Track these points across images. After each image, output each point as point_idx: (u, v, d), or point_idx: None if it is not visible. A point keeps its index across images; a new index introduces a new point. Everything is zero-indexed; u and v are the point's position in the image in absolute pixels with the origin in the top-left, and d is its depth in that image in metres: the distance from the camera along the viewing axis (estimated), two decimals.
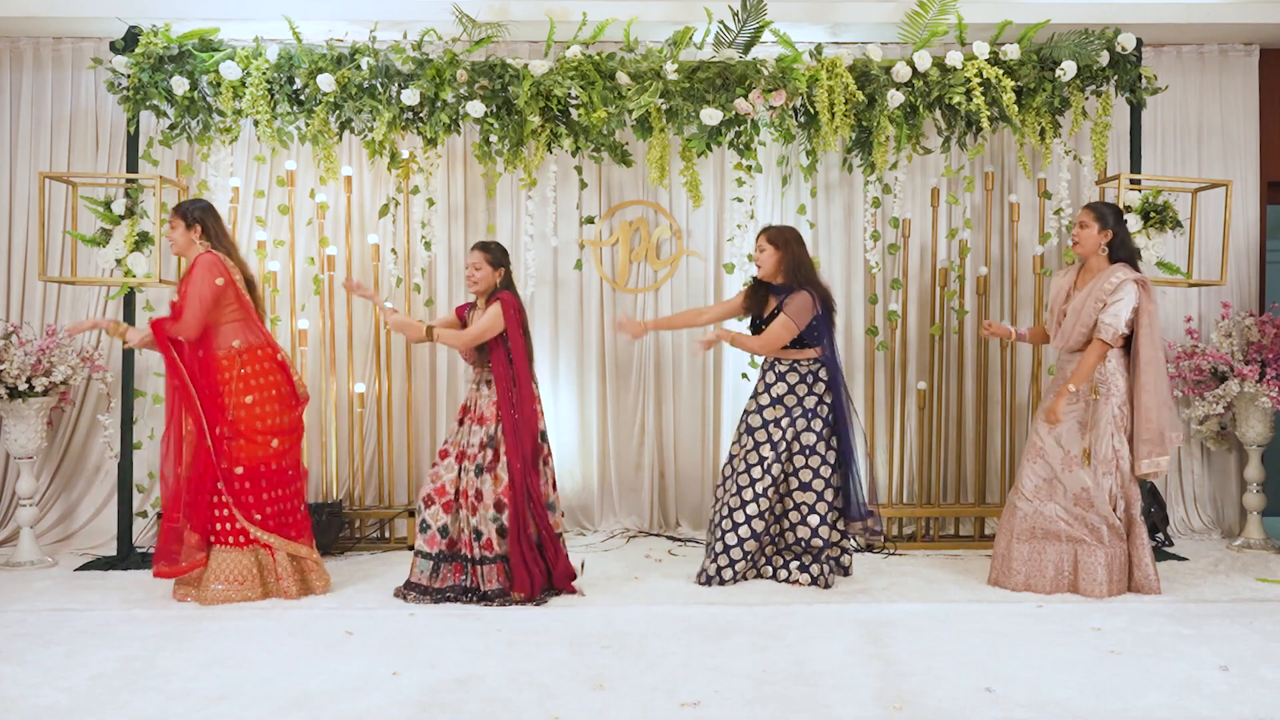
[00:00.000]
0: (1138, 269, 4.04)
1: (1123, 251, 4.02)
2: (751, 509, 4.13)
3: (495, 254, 4.07)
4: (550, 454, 4.14)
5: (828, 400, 4.19)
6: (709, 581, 4.16)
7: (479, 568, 3.95)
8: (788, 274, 4.16)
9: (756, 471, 4.15)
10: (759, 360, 4.38)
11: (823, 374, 4.19)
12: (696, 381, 5.35)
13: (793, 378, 4.19)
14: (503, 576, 3.93)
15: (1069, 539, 4.01)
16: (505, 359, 4.00)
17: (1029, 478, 4.08)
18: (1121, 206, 4.55)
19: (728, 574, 4.15)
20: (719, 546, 4.17)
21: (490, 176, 4.85)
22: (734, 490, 4.19)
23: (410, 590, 3.98)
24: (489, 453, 3.98)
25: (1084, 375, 3.96)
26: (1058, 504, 4.02)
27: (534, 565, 3.92)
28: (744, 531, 4.13)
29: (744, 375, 5.09)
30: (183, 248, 3.99)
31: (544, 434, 4.10)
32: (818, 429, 4.15)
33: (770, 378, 4.23)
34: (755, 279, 4.31)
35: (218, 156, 4.80)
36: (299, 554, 4.01)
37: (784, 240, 4.19)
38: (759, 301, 4.28)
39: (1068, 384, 3.99)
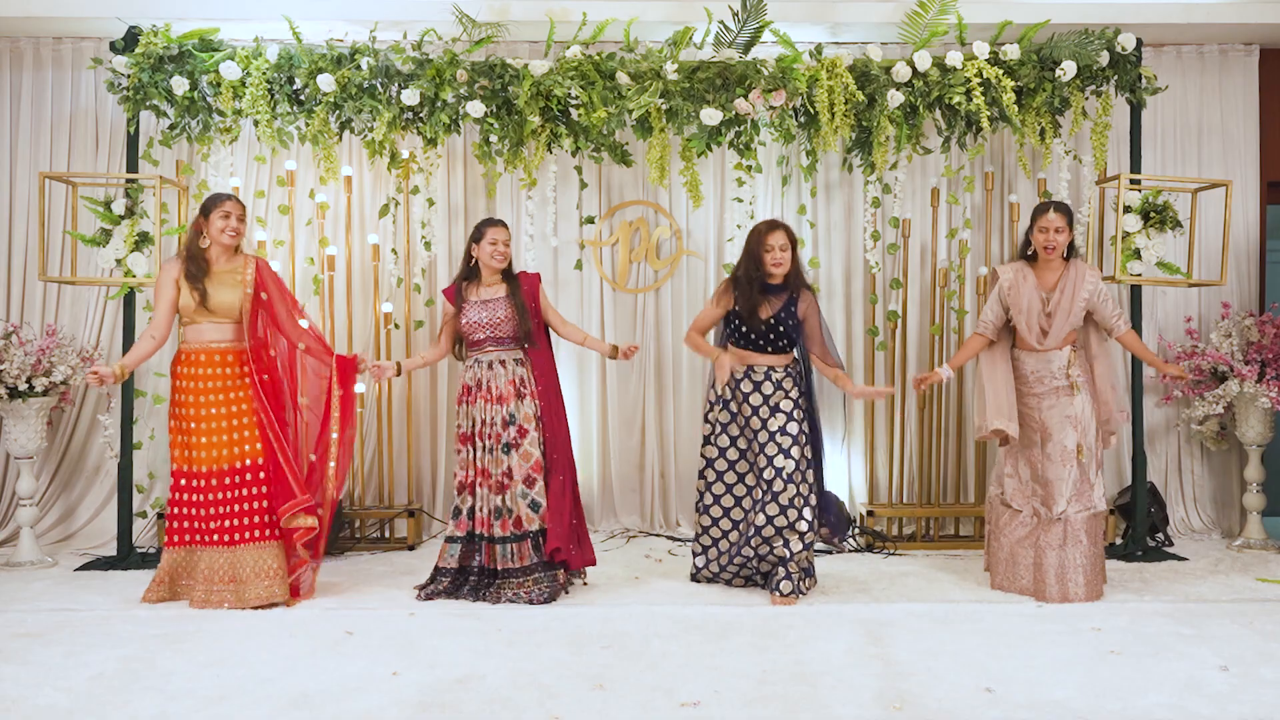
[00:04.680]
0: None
1: (1071, 249, 4.19)
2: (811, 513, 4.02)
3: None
4: None
5: (802, 404, 4.12)
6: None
7: (497, 547, 3.94)
8: (795, 274, 4.06)
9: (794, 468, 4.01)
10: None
11: (798, 377, 4.13)
12: (697, 381, 5.35)
13: (788, 383, 4.08)
14: (524, 555, 3.93)
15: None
16: (547, 336, 4.17)
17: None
18: (1122, 206, 4.57)
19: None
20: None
21: (490, 176, 4.85)
22: (792, 496, 3.98)
23: (439, 576, 4.02)
24: (513, 430, 3.98)
25: (1154, 356, 4.32)
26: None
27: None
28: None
29: None
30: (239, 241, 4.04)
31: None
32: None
33: (768, 387, 4.05)
34: (743, 276, 4.02)
35: (218, 156, 4.80)
36: None
37: (796, 240, 4.06)
38: (751, 299, 3.99)
39: (1168, 367, 4.24)
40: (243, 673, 3.12)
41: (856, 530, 5.05)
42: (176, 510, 3.93)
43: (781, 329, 4.02)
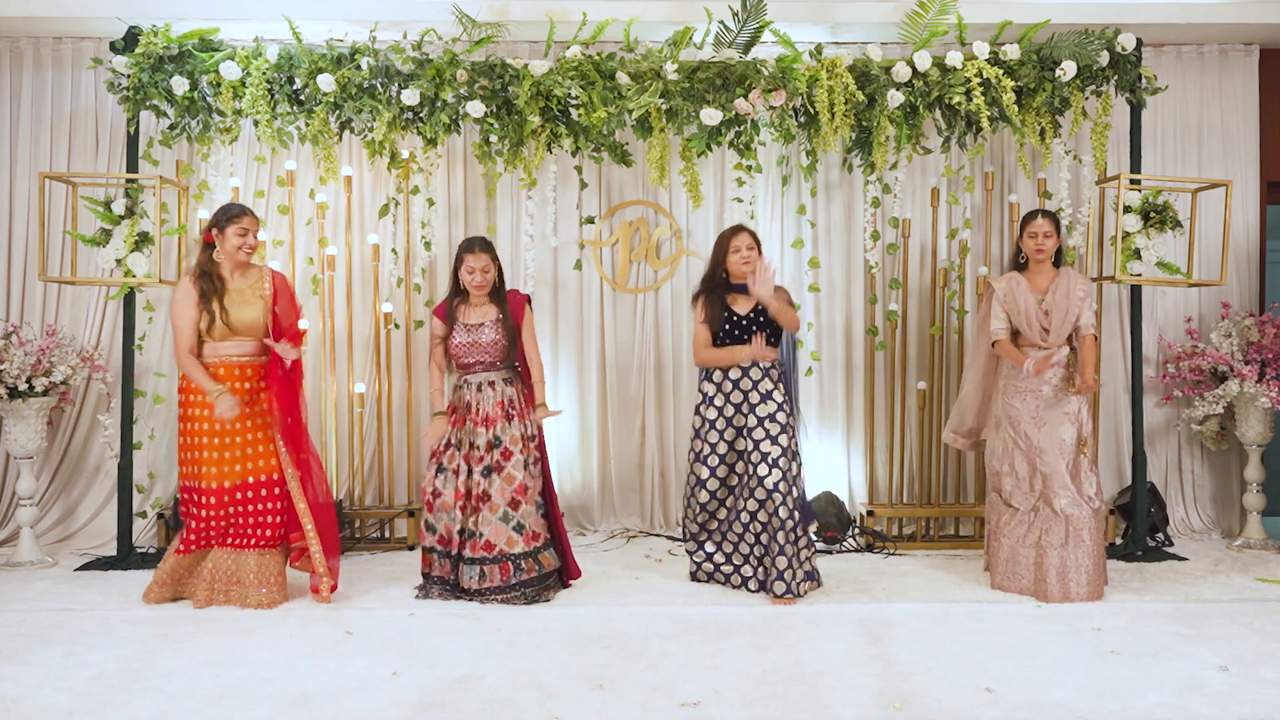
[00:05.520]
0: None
1: (1060, 256, 4.30)
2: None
3: (494, 250, 4.09)
4: None
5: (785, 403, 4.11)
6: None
7: (464, 568, 3.90)
8: None
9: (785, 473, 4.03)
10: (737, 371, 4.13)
11: (782, 378, 4.13)
12: (696, 381, 5.34)
13: (774, 373, 4.10)
14: (506, 575, 3.90)
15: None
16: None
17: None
18: (1121, 206, 4.57)
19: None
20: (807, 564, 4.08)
21: (490, 176, 4.85)
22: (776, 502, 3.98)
23: (430, 584, 4.00)
24: (497, 453, 3.95)
25: (1096, 366, 4.23)
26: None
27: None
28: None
29: None
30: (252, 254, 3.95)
31: None
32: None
33: (756, 373, 4.07)
34: (714, 283, 4.14)
35: (218, 156, 4.80)
36: None
37: (759, 243, 4.15)
38: (721, 304, 4.11)
39: (1092, 381, 4.12)
40: (243, 673, 3.12)
41: (856, 530, 5.05)
42: (192, 524, 3.87)
43: (762, 319, 4.08)
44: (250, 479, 3.85)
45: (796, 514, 3.99)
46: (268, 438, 3.89)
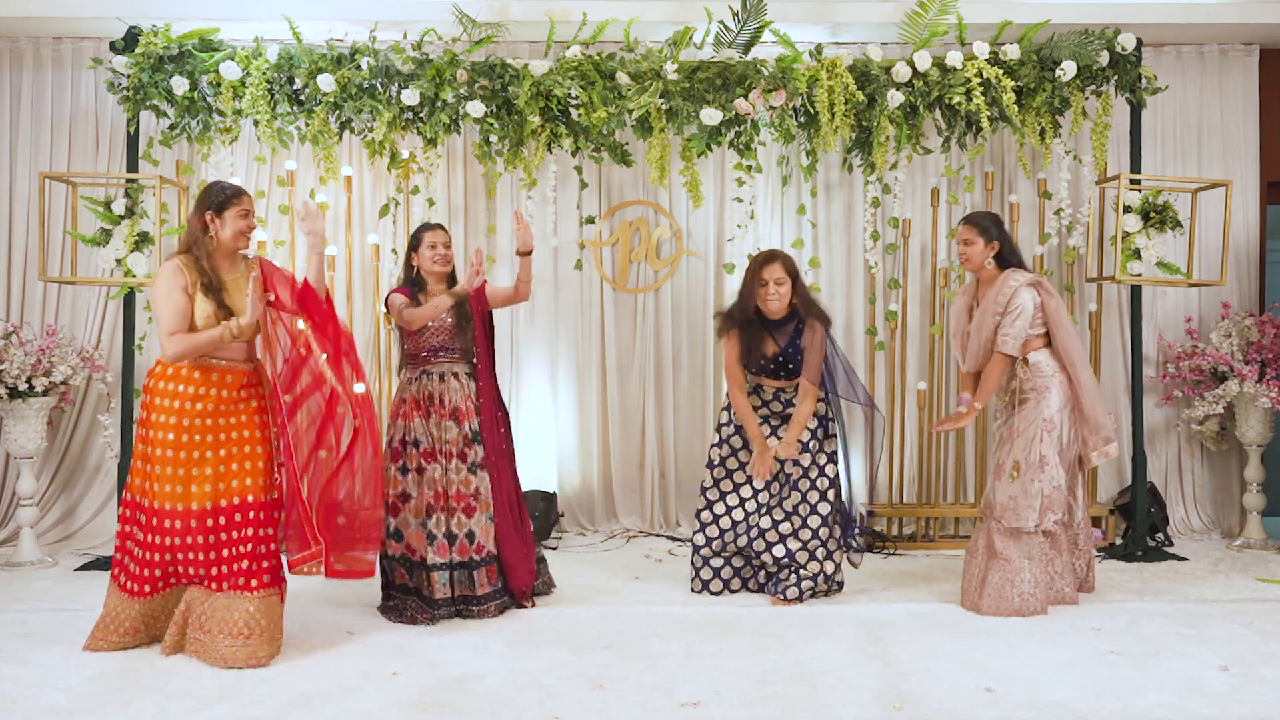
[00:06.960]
0: (1026, 269, 3.84)
1: (1012, 258, 3.82)
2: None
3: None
4: None
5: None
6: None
7: (457, 573, 3.71)
8: (804, 304, 3.95)
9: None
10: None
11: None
12: (697, 381, 5.35)
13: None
14: (493, 578, 3.75)
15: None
16: (490, 346, 3.92)
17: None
18: (1121, 206, 4.57)
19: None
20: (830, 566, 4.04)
21: (490, 176, 4.85)
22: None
23: (408, 596, 3.75)
24: (477, 449, 3.78)
25: (988, 392, 3.74)
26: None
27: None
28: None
29: None
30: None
31: None
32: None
33: (777, 405, 3.99)
34: (745, 314, 3.91)
35: (218, 156, 4.80)
36: None
37: (797, 270, 3.92)
38: (750, 337, 3.92)
39: (974, 402, 3.77)
40: (243, 673, 3.12)
41: (857, 530, 5.04)
42: (135, 550, 3.25)
43: (791, 365, 3.96)
44: (224, 501, 3.21)
45: (824, 531, 3.95)
46: (253, 454, 3.28)
